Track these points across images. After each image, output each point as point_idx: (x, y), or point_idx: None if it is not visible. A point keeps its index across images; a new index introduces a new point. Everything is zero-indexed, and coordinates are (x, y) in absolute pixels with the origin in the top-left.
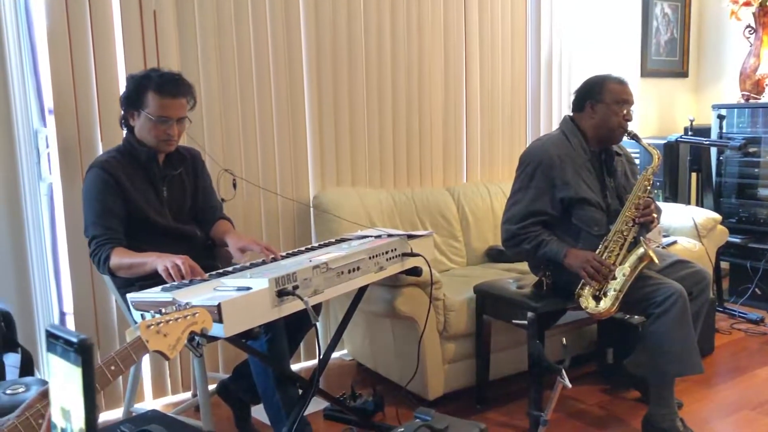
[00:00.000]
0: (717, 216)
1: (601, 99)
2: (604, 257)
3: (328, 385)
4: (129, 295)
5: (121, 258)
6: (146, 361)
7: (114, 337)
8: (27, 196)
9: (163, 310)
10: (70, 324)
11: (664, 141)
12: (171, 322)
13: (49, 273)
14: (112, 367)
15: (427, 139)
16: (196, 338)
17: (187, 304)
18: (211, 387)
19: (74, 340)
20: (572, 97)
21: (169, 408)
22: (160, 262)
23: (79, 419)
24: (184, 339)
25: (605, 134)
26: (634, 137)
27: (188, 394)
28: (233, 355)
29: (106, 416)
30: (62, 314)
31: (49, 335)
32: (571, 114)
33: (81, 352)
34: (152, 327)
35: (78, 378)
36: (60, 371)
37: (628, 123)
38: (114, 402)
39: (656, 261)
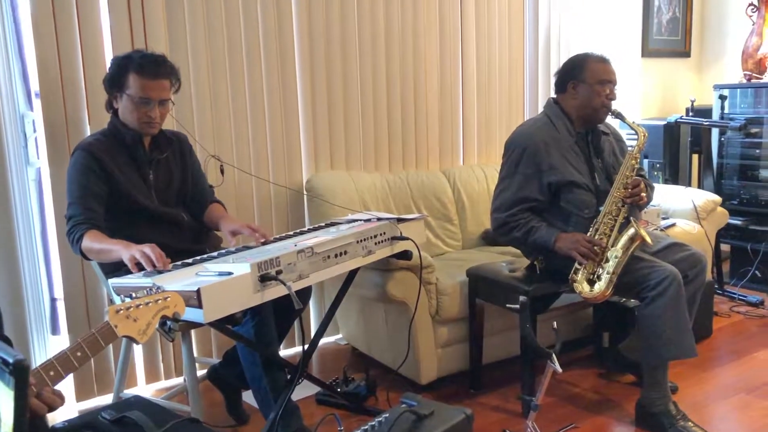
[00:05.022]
0: (717, 198)
1: (582, 79)
2: (595, 239)
3: (323, 369)
4: (110, 281)
5: (92, 241)
6: (138, 345)
7: None
8: (14, 181)
9: (134, 295)
10: (61, 310)
11: (665, 122)
12: (141, 306)
13: (38, 259)
14: (78, 354)
15: (423, 122)
16: (168, 323)
17: (158, 288)
18: (204, 372)
19: (10, 360)
20: (554, 78)
21: (161, 393)
22: (125, 251)
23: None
24: (155, 323)
25: (589, 114)
26: (618, 116)
27: (181, 379)
28: (226, 340)
29: (96, 401)
30: (53, 300)
31: None
32: (554, 96)
33: (15, 373)
34: (121, 312)
35: (9, 399)
36: None
37: (612, 101)
38: (106, 387)
39: (649, 241)
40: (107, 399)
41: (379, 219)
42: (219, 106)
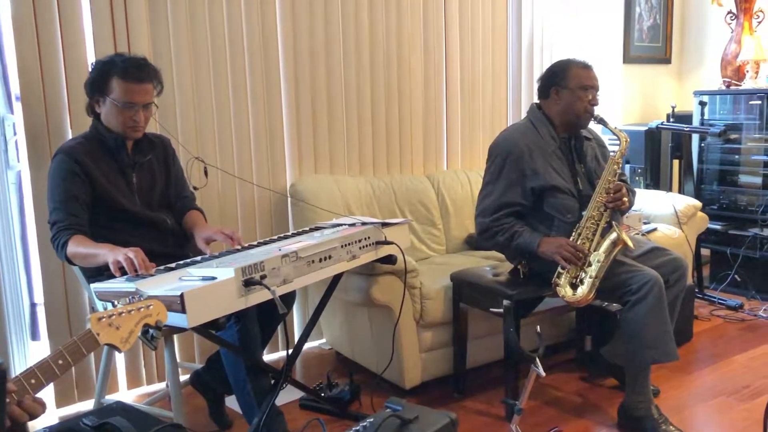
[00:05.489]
0: (697, 203)
1: (565, 85)
2: (578, 243)
3: (307, 374)
4: (93, 285)
5: (77, 246)
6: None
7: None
8: None
9: (116, 302)
10: (41, 315)
11: (646, 128)
12: (123, 314)
13: (18, 263)
14: (60, 361)
15: (407, 127)
16: (151, 331)
17: (140, 296)
18: (187, 377)
19: None
20: (537, 84)
21: (143, 398)
22: (111, 255)
23: None
24: (138, 332)
25: (571, 120)
26: (601, 121)
27: (163, 385)
28: (209, 345)
29: (77, 408)
30: (33, 305)
31: None
32: (538, 101)
33: None
34: (104, 319)
35: None
36: None
37: (594, 107)
38: (87, 393)
39: (631, 245)
40: (88, 405)
41: (363, 223)
42: (202, 108)
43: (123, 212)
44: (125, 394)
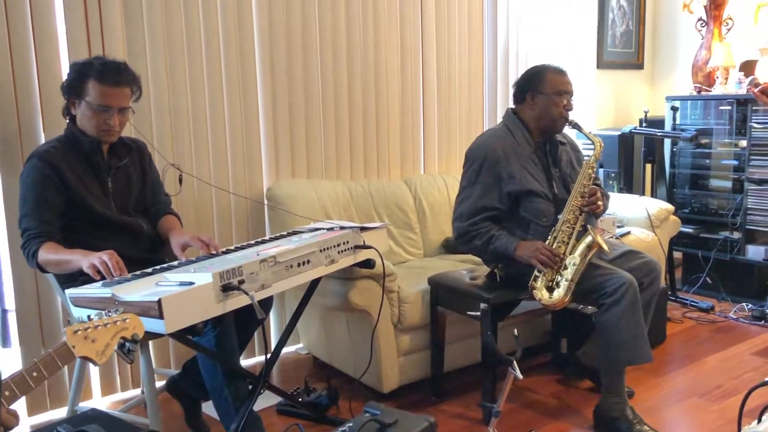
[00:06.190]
0: (670, 206)
1: (541, 90)
2: (553, 247)
3: (284, 379)
4: (68, 291)
5: (49, 253)
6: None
7: (59, 336)
8: None
9: (91, 316)
10: (12, 321)
11: (619, 132)
12: (100, 327)
13: None
14: (34, 374)
15: (384, 131)
16: (127, 344)
17: (117, 309)
18: (163, 383)
19: None
20: (513, 89)
21: (118, 405)
22: (85, 260)
23: None
24: (114, 345)
25: (547, 125)
26: (576, 126)
27: (138, 391)
28: (184, 351)
29: (50, 416)
30: (4, 311)
31: None
32: (513, 106)
33: None
34: (79, 332)
35: None
36: None
37: (569, 112)
38: (61, 400)
39: (606, 249)
40: (61, 413)
41: (342, 227)
42: (178, 113)
43: (98, 218)
44: (99, 401)
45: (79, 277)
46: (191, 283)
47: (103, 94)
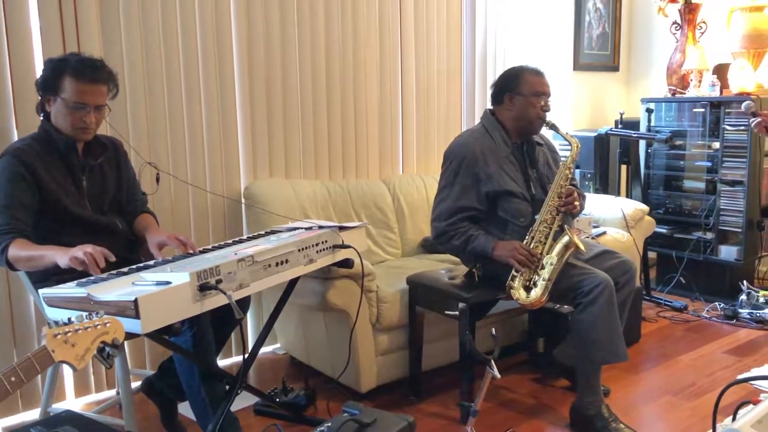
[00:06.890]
0: (644, 207)
1: (518, 91)
2: (531, 247)
3: (261, 380)
4: (41, 291)
5: (19, 250)
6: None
7: (32, 337)
8: None
9: (72, 319)
10: None
11: (595, 134)
12: (80, 331)
13: None
14: (12, 379)
15: (363, 130)
16: (107, 349)
17: (98, 313)
18: (138, 384)
19: None
20: (491, 90)
21: (92, 407)
22: (62, 255)
23: None
24: (94, 349)
25: (524, 126)
26: (553, 127)
27: (113, 392)
28: (160, 351)
29: (21, 417)
30: None
31: None
32: (491, 107)
33: None
34: (59, 336)
35: None
36: None
37: (546, 113)
38: (33, 402)
39: (582, 249)
40: (34, 414)
41: (320, 227)
42: (155, 111)
43: (72, 217)
44: (73, 403)
45: (52, 277)
46: (168, 283)
47: (79, 91)
